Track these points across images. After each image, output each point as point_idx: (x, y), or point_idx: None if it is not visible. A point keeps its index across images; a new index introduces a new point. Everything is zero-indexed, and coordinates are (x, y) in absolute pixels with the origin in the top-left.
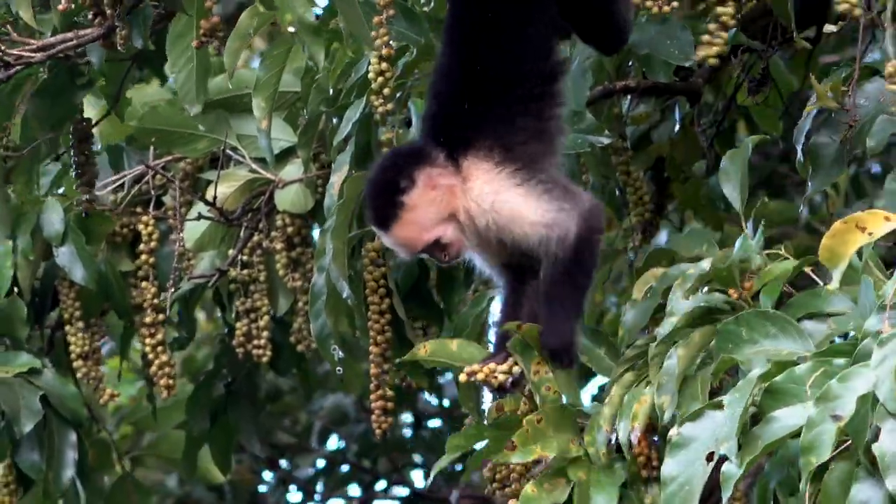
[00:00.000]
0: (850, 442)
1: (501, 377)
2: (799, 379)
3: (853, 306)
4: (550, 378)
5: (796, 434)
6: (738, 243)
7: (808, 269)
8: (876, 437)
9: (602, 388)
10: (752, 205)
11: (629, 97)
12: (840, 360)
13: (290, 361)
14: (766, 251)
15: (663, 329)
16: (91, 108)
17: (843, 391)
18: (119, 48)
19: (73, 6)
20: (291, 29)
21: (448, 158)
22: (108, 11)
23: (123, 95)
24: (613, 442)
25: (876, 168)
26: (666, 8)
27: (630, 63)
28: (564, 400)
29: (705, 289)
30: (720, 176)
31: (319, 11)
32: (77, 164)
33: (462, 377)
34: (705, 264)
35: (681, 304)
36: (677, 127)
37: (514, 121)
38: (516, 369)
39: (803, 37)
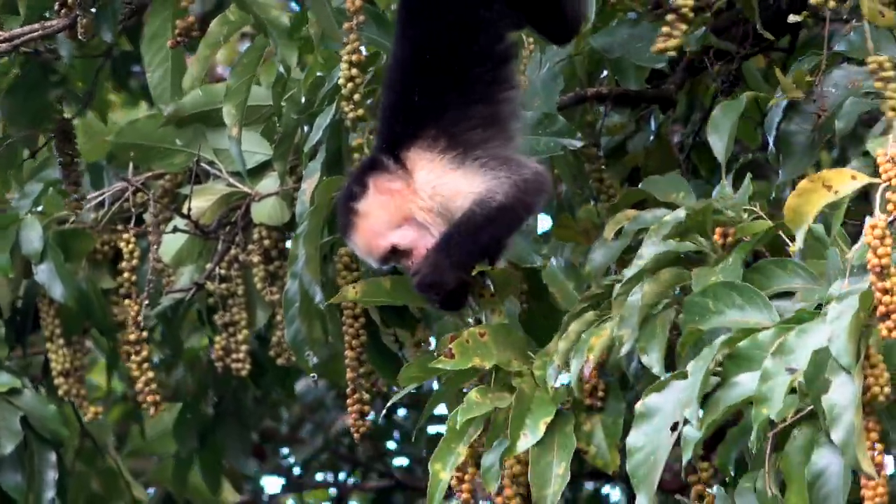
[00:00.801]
0: (811, 407)
1: None
2: (762, 345)
3: (813, 281)
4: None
5: None
6: (716, 190)
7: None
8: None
9: None
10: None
11: (603, 105)
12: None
13: (274, 379)
14: (746, 207)
15: (630, 271)
16: (69, 110)
17: (799, 345)
18: (81, 38)
19: None
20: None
21: (396, 161)
22: (71, 1)
23: (98, 91)
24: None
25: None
26: None
27: (604, 72)
28: None
29: None
30: (709, 125)
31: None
32: (62, 164)
33: None
34: (681, 212)
35: (650, 249)
36: (652, 137)
37: (463, 107)
38: None
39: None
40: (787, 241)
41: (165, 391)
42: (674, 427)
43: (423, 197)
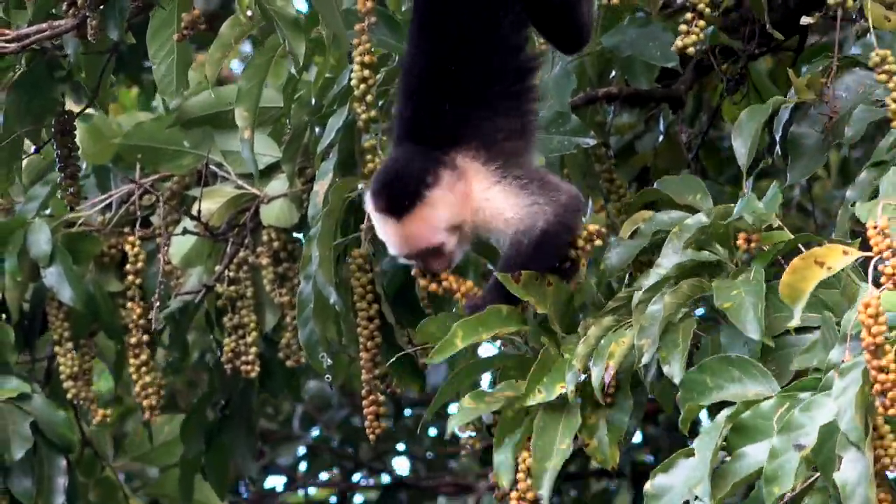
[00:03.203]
0: (818, 475)
1: None
2: (765, 415)
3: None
4: None
5: None
6: (741, 201)
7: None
8: (838, 469)
9: None
10: (759, 164)
11: (612, 105)
12: (806, 394)
13: (282, 381)
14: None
15: (650, 280)
16: (73, 104)
17: (807, 420)
18: (91, 39)
19: None
20: (249, 13)
21: (452, 163)
22: (80, 1)
23: (104, 88)
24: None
25: (859, 153)
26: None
27: (613, 72)
28: None
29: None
30: (734, 129)
31: (303, 9)
32: (59, 156)
33: None
34: (703, 217)
35: (671, 258)
36: (661, 137)
37: (495, 119)
38: None
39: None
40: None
41: (173, 393)
42: None
43: (475, 209)
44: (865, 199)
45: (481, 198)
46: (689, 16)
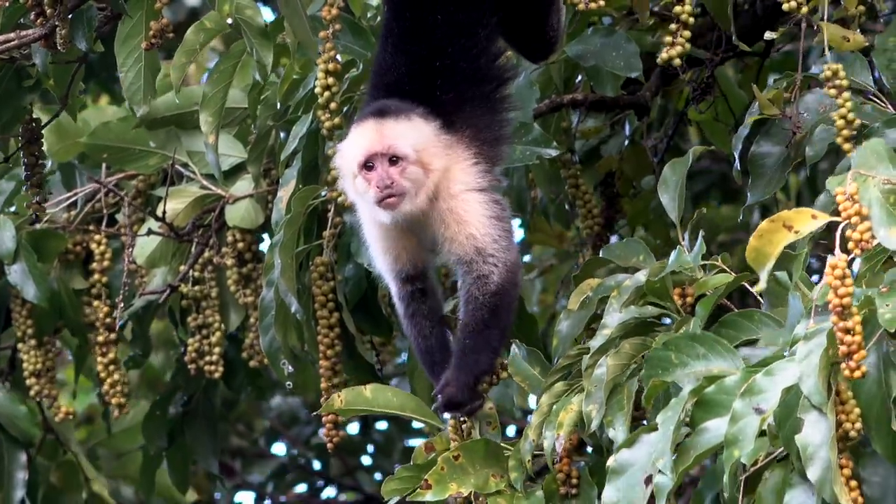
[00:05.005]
0: (782, 449)
1: None
2: (729, 390)
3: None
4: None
5: None
6: (672, 255)
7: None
8: (801, 432)
9: None
10: (695, 215)
11: (578, 111)
12: None
13: (244, 379)
14: (705, 262)
15: (596, 341)
16: (41, 112)
17: (768, 385)
18: (60, 48)
19: (7, 3)
20: (230, 20)
21: (447, 130)
22: (49, 11)
23: (72, 96)
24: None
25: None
26: (592, 5)
27: (578, 78)
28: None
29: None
30: (659, 186)
31: (269, 19)
32: (26, 165)
33: None
34: (641, 276)
35: (614, 317)
36: (626, 142)
37: (480, 117)
38: None
39: (751, 51)
40: (750, 288)
41: (134, 389)
42: (647, 480)
43: (449, 186)
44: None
45: (459, 190)
46: (673, 26)
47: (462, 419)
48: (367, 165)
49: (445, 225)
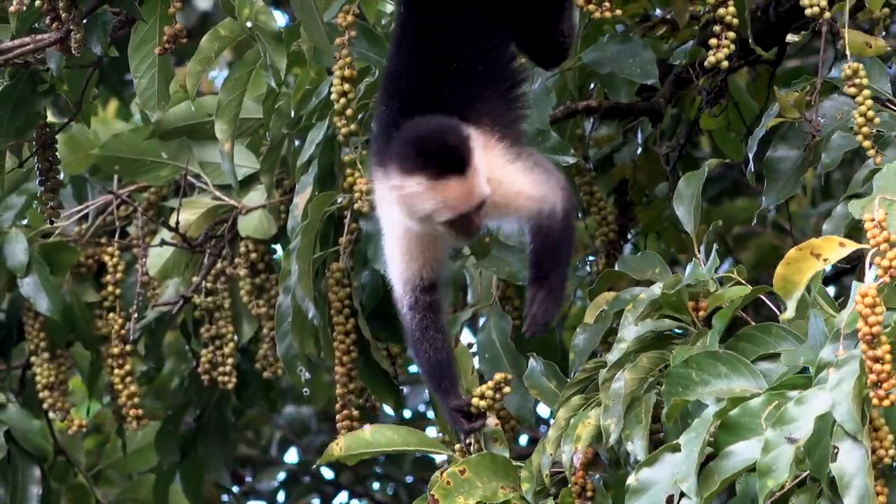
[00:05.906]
0: (807, 473)
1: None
2: (753, 412)
3: (799, 344)
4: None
5: (754, 468)
6: (688, 268)
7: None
8: (835, 460)
9: None
10: (710, 227)
11: (592, 118)
12: (795, 392)
13: (257, 392)
14: (720, 274)
15: (613, 355)
16: (55, 117)
17: (800, 414)
18: (74, 52)
19: (24, 7)
20: (249, 24)
21: (472, 130)
22: (64, 15)
23: (86, 101)
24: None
25: (838, 174)
26: (608, 13)
27: (592, 85)
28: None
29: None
30: (675, 199)
31: (282, 24)
32: (41, 170)
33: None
34: (656, 289)
35: (630, 331)
36: (640, 150)
37: (497, 113)
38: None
39: (766, 56)
40: (766, 300)
41: (146, 404)
42: (669, 500)
43: (496, 181)
44: (842, 232)
45: (501, 173)
46: (717, 28)
47: (468, 441)
48: None
49: (503, 205)
